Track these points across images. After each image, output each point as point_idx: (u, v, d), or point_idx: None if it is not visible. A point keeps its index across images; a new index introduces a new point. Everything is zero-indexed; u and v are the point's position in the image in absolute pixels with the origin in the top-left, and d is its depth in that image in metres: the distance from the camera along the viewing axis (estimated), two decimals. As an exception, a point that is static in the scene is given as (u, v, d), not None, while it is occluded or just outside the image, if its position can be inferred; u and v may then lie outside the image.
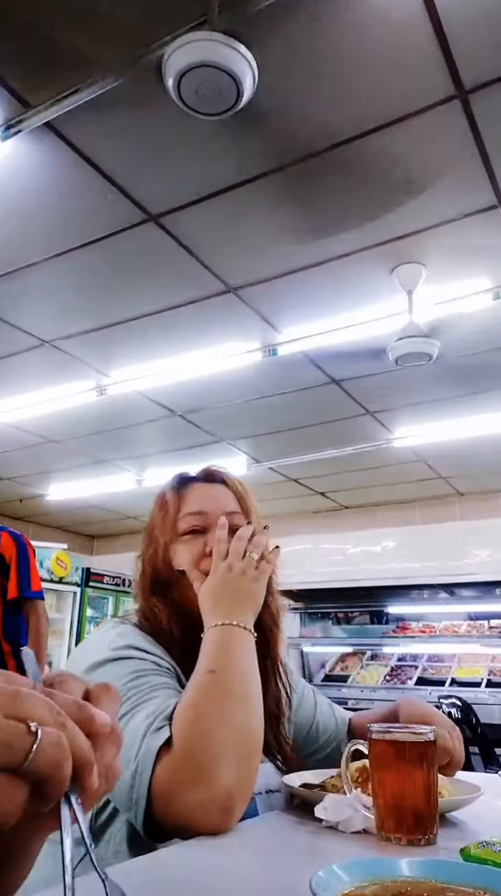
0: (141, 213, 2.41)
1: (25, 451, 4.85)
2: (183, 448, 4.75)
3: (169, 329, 3.16)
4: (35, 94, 1.91)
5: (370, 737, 0.80)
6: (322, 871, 0.53)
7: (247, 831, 0.80)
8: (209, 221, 2.44)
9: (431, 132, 2.04)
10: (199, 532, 1.05)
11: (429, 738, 0.78)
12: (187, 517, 1.06)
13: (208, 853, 0.70)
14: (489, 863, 0.61)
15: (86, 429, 4.42)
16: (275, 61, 1.79)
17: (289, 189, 2.28)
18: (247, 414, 4.14)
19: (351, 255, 2.62)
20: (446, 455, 4.79)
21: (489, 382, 3.67)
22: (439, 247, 2.57)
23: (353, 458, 4.79)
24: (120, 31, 1.73)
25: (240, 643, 0.88)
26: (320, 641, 5.90)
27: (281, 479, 5.41)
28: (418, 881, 0.55)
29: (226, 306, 2.97)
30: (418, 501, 5.87)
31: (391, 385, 3.69)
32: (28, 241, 2.56)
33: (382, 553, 5.93)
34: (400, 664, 5.40)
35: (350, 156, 2.13)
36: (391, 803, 0.76)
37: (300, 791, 0.93)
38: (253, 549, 0.98)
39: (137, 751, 0.77)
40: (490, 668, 4.93)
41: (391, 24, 1.71)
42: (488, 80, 1.87)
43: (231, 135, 2.04)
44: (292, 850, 0.76)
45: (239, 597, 0.93)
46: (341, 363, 3.46)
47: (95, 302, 2.98)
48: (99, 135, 2.06)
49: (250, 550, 0.98)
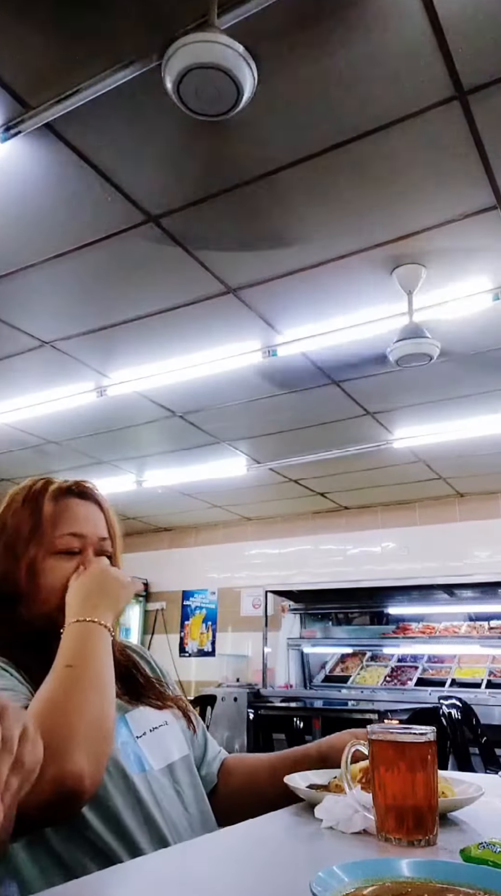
0: (141, 214, 2.41)
1: (25, 452, 4.85)
2: (183, 449, 4.76)
3: (169, 330, 3.16)
4: (35, 96, 1.91)
5: (369, 737, 0.80)
6: (322, 871, 0.53)
7: (247, 832, 0.80)
8: (209, 222, 2.45)
9: (431, 133, 2.04)
10: (74, 554, 1.04)
11: (429, 738, 0.78)
12: (67, 537, 1.03)
13: (207, 854, 0.70)
14: (489, 863, 0.61)
15: (86, 430, 4.42)
16: (274, 62, 1.79)
17: (289, 190, 2.28)
18: (247, 415, 4.14)
19: (351, 256, 2.62)
20: (446, 456, 4.79)
21: (489, 383, 3.67)
22: (439, 248, 2.57)
23: (353, 458, 4.79)
24: (120, 32, 1.74)
25: (99, 639, 0.92)
26: (320, 642, 5.89)
27: (281, 480, 5.41)
28: (418, 882, 0.55)
29: (226, 307, 2.97)
30: (418, 502, 5.87)
31: (392, 386, 3.69)
32: (27, 242, 2.57)
33: (382, 554, 5.93)
34: (400, 665, 5.39)
35: (350, 157, 2.13)
36: (391, 804, 0.76)
37: (305, 792, 0.93)
38: None
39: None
40: (491, 668, 4.93)
41: (391, 24, 1.71)
42: (488, 82, 1.87)
43: (231, 136, 2.05)
44: (292, 851, 0.76)
45: (106, 598, 0.98)
46: (341, 364, 3.46)
47: (95, 303, 2.98)
48: (99, 136, 2.07)
49: None
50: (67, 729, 0.78)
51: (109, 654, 0.92)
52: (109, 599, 0.98)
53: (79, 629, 0.93)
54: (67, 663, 0.87)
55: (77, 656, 0.88)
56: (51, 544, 1.02)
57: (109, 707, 0.86)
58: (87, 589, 0.98)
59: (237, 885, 0.65)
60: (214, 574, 6.58)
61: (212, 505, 6.09)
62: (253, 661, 5.91)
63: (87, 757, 0.77)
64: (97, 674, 0.88)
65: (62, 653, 0.89)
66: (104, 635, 0.93)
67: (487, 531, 5.53)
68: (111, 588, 0.99)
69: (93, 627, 0.93)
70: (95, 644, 0.91)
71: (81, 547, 1.04)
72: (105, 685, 0.87)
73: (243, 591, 6.39)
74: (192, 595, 6.64)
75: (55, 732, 0.76)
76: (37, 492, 1.06)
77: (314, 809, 0.83)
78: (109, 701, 0.87)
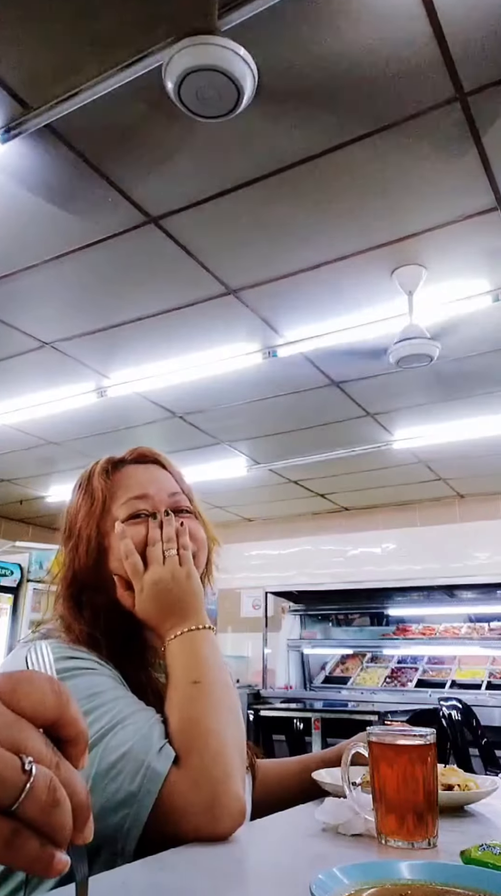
0: (141, 215, 2.41)
1: (26, 453, 4.86)
2: (183, 450, 4.75)
3: (169, 331, 3.16)
4: (36, 96, 1.91)
5: (369, 739, 0.80)
6: (322, 873, 0.53)
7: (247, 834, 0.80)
8: (210, 223, 2.45)
9: (431, 134, 2.04)
10: (146, 516, 0.95)
11: (429, 740, 0.78)
12: (130, 501, 0.96)
13: (208, 856, 0.70)
14: (489, 865, 0.61)
15: (86, 430, 4.42)
16: (275, 63, 1.79)
17: (289, 191, 2.28)
18: (247, 416, 4.14)
19: (351, 257, 2.62)
20: (446, 457, 4.79)
21: (489, 384, 3.67)
22: (439, 248, 2.57)
23: (353, 459, 4.79)
24: (120, 34, 1.74)
25: (206, 645, 0.86)
26: (320, 643, 5.89)
27: (281, 481, 5.41)
28: (418, 884, 0.55)
29: (226, 308, 2.97)
30: (418, 503, 5.87)
31: (392, 387, 3.69)
32: (28, 243, 2.57)
33: (382, 555, 5.93)
34: (401, 666, 5.39)
35: (350, 158, 2.13)
36: (391, 806, 0.76)
37: (331, 786, 0.94)
38: (167, 546, 0.91)
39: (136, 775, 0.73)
40: (491, 670, 4.93)
41: (392, 25, 1.72)
42: (488, 83, 1.87)
43: (231, 137, 2.05)
44: (293, 853, 0.76)
45: (180, 602, 0.89)
46: (341, 365, 3.46)
47: (96, 304, 2.98)
48: (99, 137, 2.07)
49: (166, 549, 0.91)
50: (225, 759, 0.76)
51: (221, 658, 0.87)
52: (183, 601, 0.89)
53: (181, 643, 0.86)
54: (192, 679, 0.82)
55: (198, 672, 0.83)
56: (114, 516, 0.95)
57: (242, 724, 0.84)
58: (157, 612, 0.88)
59: (238, 887, 0.65)
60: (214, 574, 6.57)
61: (212, 506, 6.09)
62: (253, 662, 5.91)
63: (241, 786, 0.76)
64: (224, 687, 0.83)
65: (178, 667, 0.84)
66: (208, 638, 0.87)
67: (487, 532, 5.53)
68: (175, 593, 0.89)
69: (195, 635, 0.87)
70: (206, 653, 0.85)
71: (152, 508, 0.96)
72: (233, 702, 0.84)
73: (243, 592, 6.39)
74: (192, 596, 6.63)
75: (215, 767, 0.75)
76: (90, 473, 1.02)
77: (315, 811, 0.83)
78: (240, 717, 0.84)
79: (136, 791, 0.72)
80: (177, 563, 0.90)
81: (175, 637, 0.86)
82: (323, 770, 1.01)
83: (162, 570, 0.89)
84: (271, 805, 1.07)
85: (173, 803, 0.72)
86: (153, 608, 0.88)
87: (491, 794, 0.93)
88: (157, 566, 0.90)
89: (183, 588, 0.89)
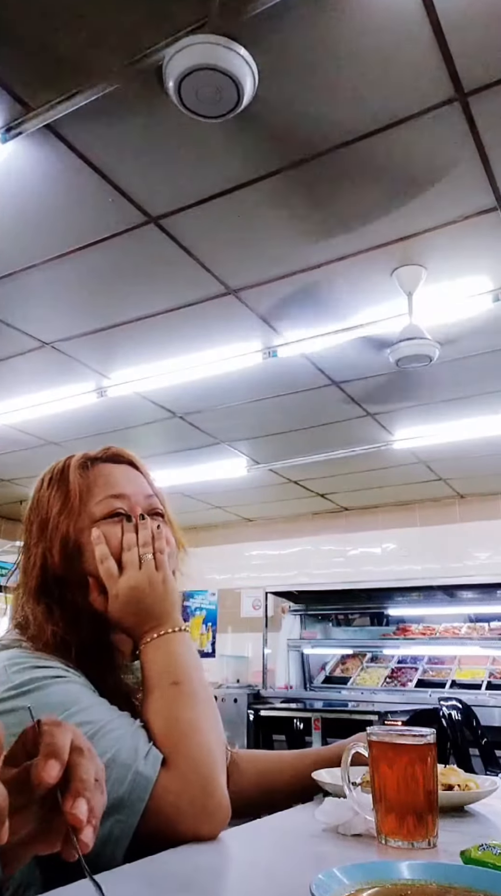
0: (141, 215, 2.41)
1: (26, 453, 4.85)
2: (183, 450, 4.75)
3: (169, 331, 3.16)
4: (36, 97, 1.91)
5: (369, 739, 0.80)
6: (322, 873, 0.53)
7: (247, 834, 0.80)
8: (209, 223, 2.45)
9: (431, 134, 2.04)
10: (121, 516, 0.93)
11: (429, 740, 0.78)
12: (107, 500, 0.93)
13: (208, 856, 0.70)
14: (489, 865, 0.61)
15: (86, 431, 4.41)
16: (275, 63, 1.79)
17: (289, 191, 2.28)
18: (247, 416, 4.14)
19: (351, 257, 2.62)
20: (446, 457, 4.79)
21: (489, 384, 3.67)
22: (439, 248, 2.57)
23: (353, 459, 4.79)
24: (121, 34, 1.74)
25: (183, 647, 0.87)
26: (320, 643, 5.89)
27: (281, 481, 5.41)
28: (418, 884, 0.55)
29: (226, 308, 2.97)
30: (418, 503, 5.87)
31: (392, 387, 3.68)
32: (28, 243, 2.57)
33: (382, 555, 5.93)
34: (401, 666, 5.39)
35: (350, 158, 2.13)
36: (391, 806, 0.76)
37: (331, 786, 0.94)
38: (144, 550, 0.90)
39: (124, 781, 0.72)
40: (491, 670, 4.93)
41: (391, 26, 1.72)
42: (488, 83, 1.87)
43: (231, 137, 2.05)
44: (292, 853, 0.76)
45: (156, 606, 0.88)
46: (341, 365, 3.46)
47: (96, 304, 2.98)
48: (99, 137, 2.07)
49: (142, 553, 0.90)
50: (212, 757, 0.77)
51: (198, 660, 0.89)
52: (158, 605, 0.88)
53: (158, 645, 0.86)
54: (172, 680, 0.83)
55: (177, 673, 0.84)
56: (90, 514, 0.92)
57: (219, 720, 0.85)
58: (132, 616, 0.88)
59: (238, 887, 0.65)
60: (214, 575, 6.58)
61: (212, 506, 6.09)
62: (253, 662, 5.90)
63: (224, 780, 0.77)
64: (202, 686, 0.85)
65: (156, 669, 0.85)
66: (184, 640, 0.88)
67: (487, 532, 5.53)
68: (151, 597, 0.88)
69: (170, 638, 0.87)
70: (183, 654, 0.87)
71: (128, 508, 0.94)
72: (210, 698, 0.85)
73: (244, 592, 6.39)
74: (192, 596, 6.64)
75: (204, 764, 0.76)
76: (63, 467, 0.99)
77: (315, 812, 0.83)
78: (217, 713, 0.85)
79: (125, 797, 0.72)
80: (153, 567, 0.90)
81: (151, 640, 0.87)
82: (323, 770, 1.01)
83: (138, 575, 0.88)
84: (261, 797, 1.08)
85: (164, 806, 0.73)
86: (129, 612, 0.88)
87: (491, 794, 0.93)
88: (133, 570, 0.88)
89: (158, 593, 0.89)
